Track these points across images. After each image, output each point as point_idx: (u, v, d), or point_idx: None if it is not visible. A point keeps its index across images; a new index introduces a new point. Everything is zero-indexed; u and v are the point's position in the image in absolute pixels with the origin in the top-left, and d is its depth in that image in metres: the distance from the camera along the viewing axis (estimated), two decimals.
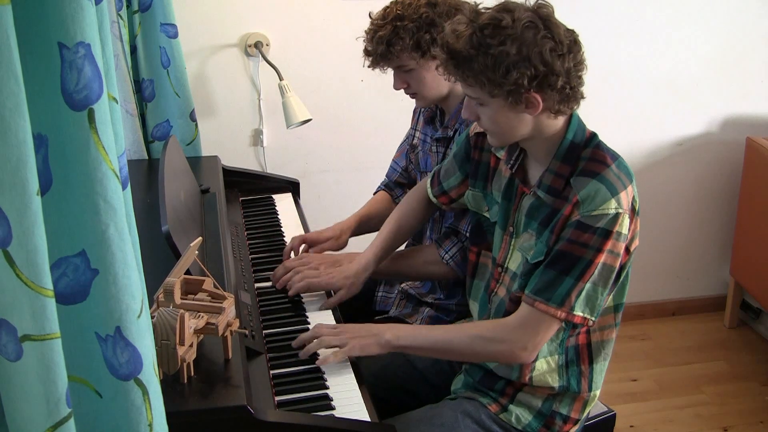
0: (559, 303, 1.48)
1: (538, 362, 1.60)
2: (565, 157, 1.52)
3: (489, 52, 1.40)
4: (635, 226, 1.53)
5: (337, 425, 1.39)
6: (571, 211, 1.48)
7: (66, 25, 0.82)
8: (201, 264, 1.54)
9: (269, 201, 2.41)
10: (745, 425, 2.68)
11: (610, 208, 1.45)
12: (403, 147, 2.19)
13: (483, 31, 1.41)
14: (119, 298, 0.92)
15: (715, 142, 3.15)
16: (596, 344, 1.63)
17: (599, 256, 1.46)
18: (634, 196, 1.51)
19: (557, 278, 1.48)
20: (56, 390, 0.87)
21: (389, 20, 1.82)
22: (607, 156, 1.51)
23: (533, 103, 1.45)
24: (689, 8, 2.94)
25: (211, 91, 2.72)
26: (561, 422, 1.64)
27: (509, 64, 1.40)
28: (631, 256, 1.56)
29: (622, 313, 1.64)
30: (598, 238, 1.45)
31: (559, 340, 1.60)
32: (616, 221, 1.45)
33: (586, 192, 1.46)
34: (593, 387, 1.65)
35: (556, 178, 1.52)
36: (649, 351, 3.13)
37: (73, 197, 0.88)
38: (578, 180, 1.49)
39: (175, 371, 1.33)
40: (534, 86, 1.42)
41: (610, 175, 1.48)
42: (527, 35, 1.40)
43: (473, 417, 1.63)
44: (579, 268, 1.47)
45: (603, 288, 1.49)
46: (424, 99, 1.92)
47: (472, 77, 1.45)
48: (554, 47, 1.42)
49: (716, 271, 3.36)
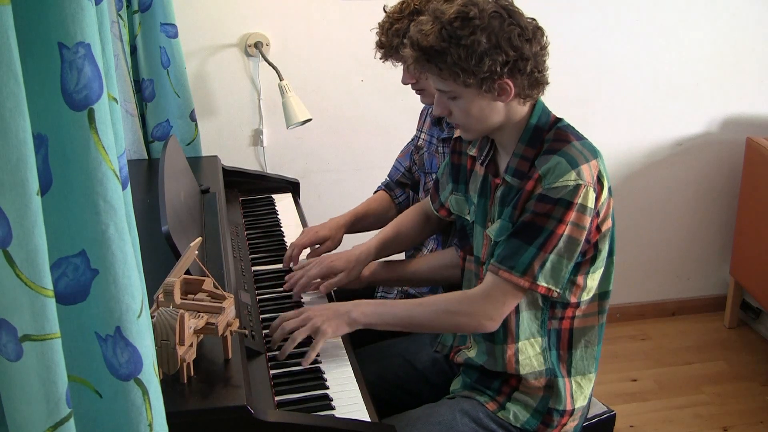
0: (522, 271, 1.52)
1: (521, 344, 1.62)
2: (529, 140, 1.57)
3: (461, 42, 1.46)
4: (608, 206, 1.56)
5: (337, 425, 1.39)
6: (533, 186, 1.53)
7: (66, 25, 0.82)
8: (201, 264, 1.54)
9: (269, 201, 2.41)
10: (745, 425, 2.68)
11: (570, 179, 1.49)
12: (408, 148, 2.19)
13: (452, 24, 1.47)
14: (119, 298, 0.92)
15: (715, 142, 3.15)
16: (577, 330, 1.64)
17: (561, 227, 1.49)
18: (601, 172, 1.53)
19: (520, 247, 1.52)
20: (56, 390, 0.87)
21: (406, 14, 1.84)
22: (570, 134, 1.56)
23: (505, 90, 1.51)
24: (689, 8, 2.94)
25: (211, 91, 2.72)
26: (558, 417, 1.65)
27: (482, 53, 1.46)
28: (607, 238, 1.57)
29: (608, 302, 1.67)
30: (559, 209, 1.49)
31: (540, 321, 1.62)
32: (577, 192, 1.48)
33: (547, 166, 1.51)
34: (573, 372, 1.65)
35: (522, 161, 1.57)
36: (649, 351, 3.13)
37: (73, 197, 0.88)
38: (541, 158, 1.54)
39: (175, 371, 1.33)
40: (506, 72, 1.49)
41: (572, 150, 1.52)
42: (494, 24, 1.47)
43: (471, 415, 1.64)
44: (542, 238, 1.50)
45: (568, 260, 1.52)
46: (431, 96, 1.92)
47: (446, 70, 1.50)
48: (521, 33, 1.49)
49: (716, 271, 3.36)
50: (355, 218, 2.10)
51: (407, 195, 2.19)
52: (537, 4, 1.95)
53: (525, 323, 1.62)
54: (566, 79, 2.85)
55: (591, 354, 1.66)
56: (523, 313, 1.61)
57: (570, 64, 2.87)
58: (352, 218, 2.09)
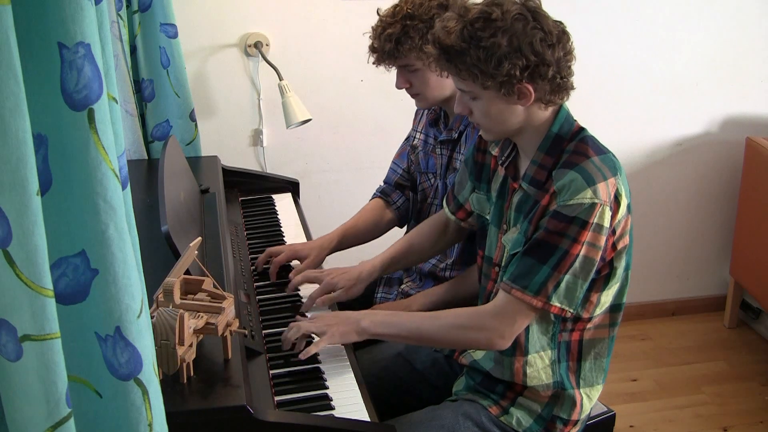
0: (536, 291, 1.49)
1: (530, 357, 1.59)
2: (549, 149, 1.54)
3: (480, 44, 1.44)
4: (625, 223, 1.52)
5: (337, 425, 1.39)
6: (548, 201, 1.50)
7: (66, 25, 0.82)
8: (200, 264, 1.54)
9: (269, 201, 2.41)
10: (745, 425, 2.68)
11: (585, 198, 1.45)
12: (404, 147, 2.17)
13: (474, 24, 1.45)
14: (119, 298, 0.92)
15: (715, 142, 3.15)
16: (587, 342, 1.62)
17: (576, 247, 1.46)
18: (619, 191, 1.49)
19: (534, 267, 1.49)
20: (56, 390, 0.87)
21: (399, 18, 1.81)
22: (590, 149, 1.52)
23: (525, 94, 1.48)
24: (689, 8, 2.94)
25: (211, 91, 2.72)
26: (561, 425, 1.64)
27: (501, 56, 1.43)
28: (624, 255, 1.55)
29: (621, 315, 1.64)
30: (574, 228, 1.46)
31: (550, 335, 1.59)
32: (593, 211, 1.45)
33: (562, 182, 1.48)
34: (582, 384, 1.63)
35: (540, 170, 1.54)
36: (648, 351, 3.13)
37: (72, 197, 0.88)
38: (558, 172, 1.50)
39: (175, 371, 1.33)
40: (526, 77, 1.45)
41: (590, 166, 1.48)
42: (517, 27, 1.44)
43: (474, 419, 1.63)
44: (555, 258, 1.47)
45: (583, 281, 1.49)
46: (426, 100, 1.91)
47: (465, 70, 1.47)
48: (544, 38, 1.45)
49: (716, 271, 3.36)
50: (343, 236, 2.06)
51: (406, 198, 2.16)
52: None
53: (535, 337, 1.59)
54: None
55: (600, 366, 1.64)
56: (533, 326, 1.58)
57: None
58: (340, 236, 2.06)
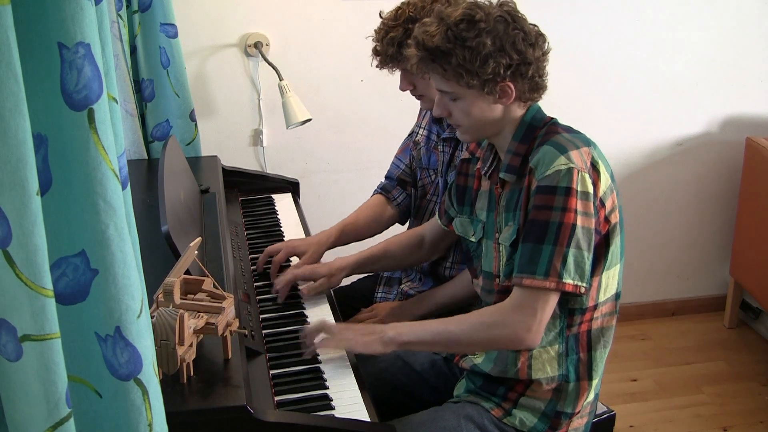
0: (545, 273, 1.49)
1: (536, 351, 1.59)
2: (522, 137, 1.59)
3: (466, 44, 1.50)
4: (613, 200, 1.54)
5: (337, 425, 1.39)
6: (530, 181, 1.54)
7: (66, 25, 0.82)
8: (200, 264, 1.54)
9: (269, 201, 2.41)
10: (745, 425, 2.68)
11: (560, 164, 1.48)
12: (407, 143, 2.17)
13: (458, 26, 1.51)
14: (119, 298, 0.92)
15: (715, 142, 3.15)
16: (596, 331, 1.62)
17: (569, 216, 1.47)
18: (595, 159, 1.52)
19: (535, 249, 1.50)
20: (56, 390, 0.87)
21: (401, 22, 1.82)
22: (560, 128, 1.58)
23: (506, 93, 1.54)
24: (689, 8, 2.94)
25: (211, 91, 2.72)
26: (567, 420, 1.64)
27: (486, 55, 1.50)
28: (618, 232, 1.56)
29: (619, 304, 1.66)
30: (560, 198, 1.48)
31: (558, 329, 1.59)
32: (572, 177, 1.47)
33: (537, 157, 1.52)
34: (593, 375, 1.63)
35: (514, 157, 1.59)
36: (648, 351, 3.13)
37: (72, 197, 0.88)
38: (532, 153, 1.55)
39: (175, 371, 1.33)
40: (509, 75, 1.52)
41: (560, 139, 1.54)
42: (499, 27, 1.51)
43: (476, 421, 1.62)
44: (552, 233, 1.48)
45: (588, 252, 1.50)
46: (431, 101, 1.91)
47: (450, 70, 1.52)
48: (525, 37, 1.53)
49: (716, 271, 3.36)
50: (342, 232, 2.08)
51: (408, 194, 2.16)
52: (538, 4, 1.96)
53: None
54: (566, 79, 2.85)
55: (605, 355, 1.65)
56: None
57: (570, 64, 2.87)
58: (339, 232, 2.07)
